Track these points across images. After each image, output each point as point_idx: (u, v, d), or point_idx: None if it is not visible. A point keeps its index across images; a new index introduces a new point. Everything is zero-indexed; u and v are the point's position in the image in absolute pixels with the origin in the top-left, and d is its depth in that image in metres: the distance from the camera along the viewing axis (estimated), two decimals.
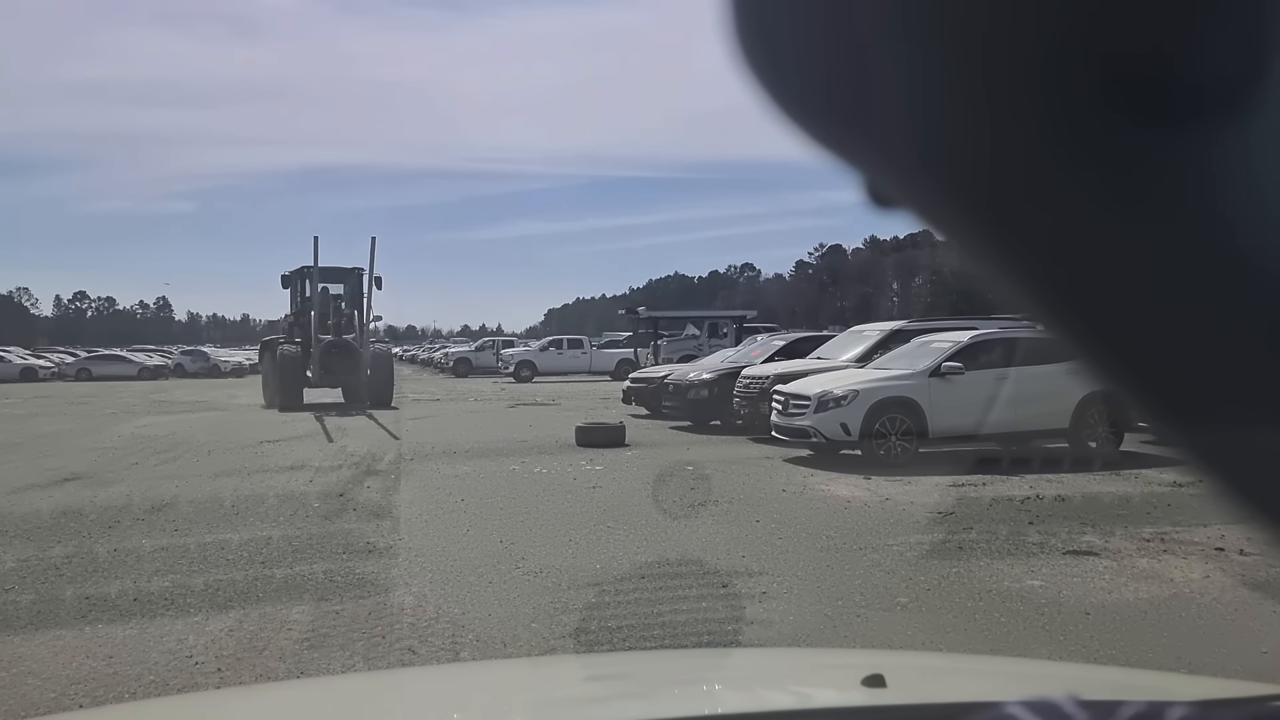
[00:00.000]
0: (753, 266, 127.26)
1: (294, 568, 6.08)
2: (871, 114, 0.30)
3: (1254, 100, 0.26)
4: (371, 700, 1.72)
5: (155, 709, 2.34)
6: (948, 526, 7.30)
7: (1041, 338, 0.32)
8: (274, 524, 7.46)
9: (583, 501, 8.56)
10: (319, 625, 4.89)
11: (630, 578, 5.77)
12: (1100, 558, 6.25)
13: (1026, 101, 0.27)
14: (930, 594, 5.47)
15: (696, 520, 7.59)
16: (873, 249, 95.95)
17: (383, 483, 9.70)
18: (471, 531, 7.22)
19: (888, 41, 0.28)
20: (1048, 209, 0.29)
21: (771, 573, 5.87)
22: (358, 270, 23.49)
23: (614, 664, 2.44)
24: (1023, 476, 9.40)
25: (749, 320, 33.72)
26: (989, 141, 0.28)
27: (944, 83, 0.28)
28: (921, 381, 11.08)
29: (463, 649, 4.53)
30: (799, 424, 11.19)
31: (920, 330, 13.19)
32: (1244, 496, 0.33)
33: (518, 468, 10.77)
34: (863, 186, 0.32)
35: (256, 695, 2.34)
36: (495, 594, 5.46)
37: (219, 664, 4.36)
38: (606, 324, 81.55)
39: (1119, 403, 0.32)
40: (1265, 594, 5.41)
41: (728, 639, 4.57)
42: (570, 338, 39.79)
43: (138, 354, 50.77)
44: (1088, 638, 4.69)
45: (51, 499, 8.64)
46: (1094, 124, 0.27)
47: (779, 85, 0.30)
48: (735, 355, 17.48)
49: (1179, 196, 0.28)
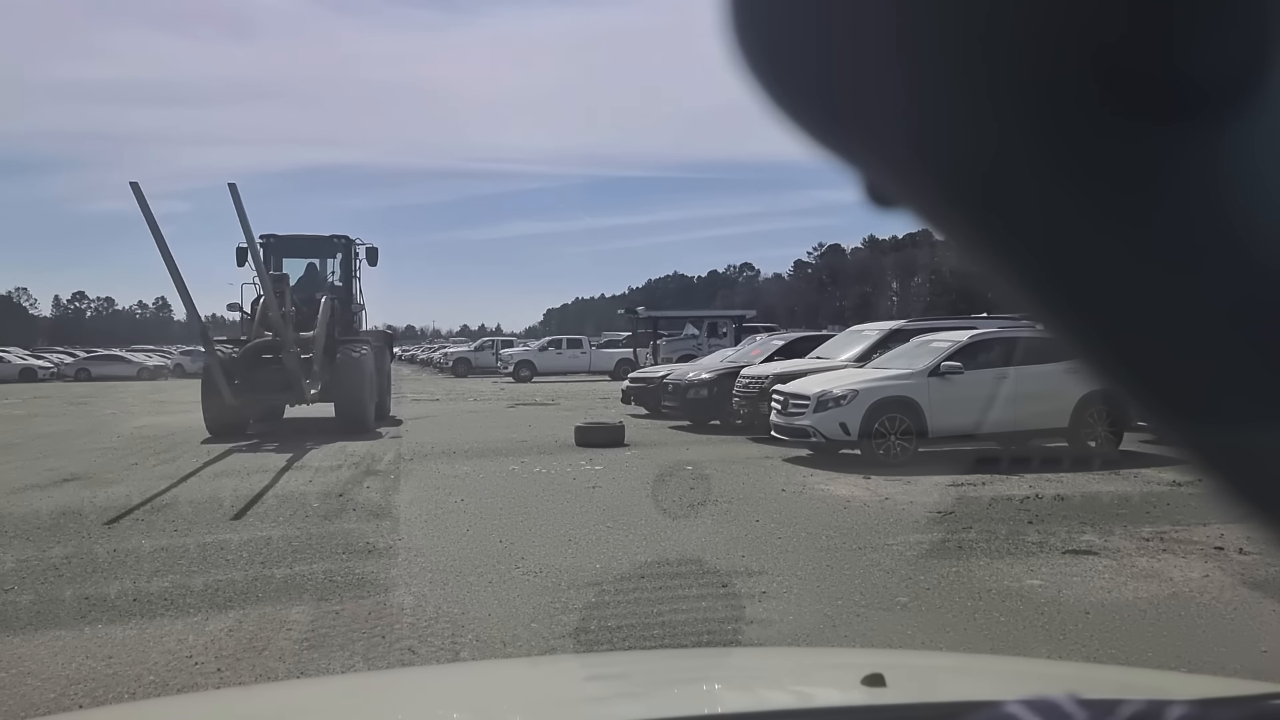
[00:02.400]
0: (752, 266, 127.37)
1: (294, 568, 6.08)
2: (871, 112, 0.30)
3: (1253, 99, 0.26)
4: (371, 700, 1.72)
5: (155, 709, 2.34)
6: (947, 526, 7.30)
7: (1040, 337, 0.32)
8: (274, 524, 7.47)
9: (582, 501, 8.56)
10: (319, 625, 4.89)
11: (630, 577, 5.77)
12: (1100, 557, 6.25)
13: (1026, 100, 0.27)
14: (930, 593, 5.47)
15: (696, 520, 7.59)
16: (872, 248, 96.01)
17: (382, 483, 9.70)
18: (471, 531, 7.22)
19: (887, 40, 0.28)
20: (1047, 207, 0.29)
21: (771, 572, 5.88)
22: (339, 241, 18.06)
23: (614, 664, 2.44)
24: (1022, 476, 9.41)
25: (748, 320, 33.79)
26: (988, 140, 0.28)
27: (943, 80, 0.28)
28: (921, 381, 11.09)
29: (462, 649, 4.53)
30: (798, 423, 11.19)
31: (919, 330, 13.20)
32: (1243, 495, 0.33)
33: (517, 468, 10.77)
34: (862, 185, 0.32)
35: (256, 695, 2.34)
36: (495, 594, 5.46)
37: (219, 664, 4.36)
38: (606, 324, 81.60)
39: (1118, 402, 0.32)
40: (1265, 593, 5.41)
41: (727, 638, 4.58)
42: (569, 338, 39.79)
43: (137, 354, 50.78)
44: (1087, 637, 4.69)
45: (51, 499, 8.64)
46: (1094, 122, 0.27)
47: (779, 84, 0.30)
48: (734, 355, 17.48)
49: (1179, 195, 0.28)
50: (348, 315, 17.48)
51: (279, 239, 17.37)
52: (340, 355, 15.13)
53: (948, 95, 0.28)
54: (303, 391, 14.40)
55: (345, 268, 18.11)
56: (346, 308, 17.47)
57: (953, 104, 0.28)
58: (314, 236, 18.04)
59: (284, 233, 17.64)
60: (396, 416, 17.39)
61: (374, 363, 15.85)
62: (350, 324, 17.38)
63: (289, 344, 14.18)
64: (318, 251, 18.03)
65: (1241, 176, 0.28)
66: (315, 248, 18.04)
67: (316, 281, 17.54)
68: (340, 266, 18.08)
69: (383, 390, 16.95)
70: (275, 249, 17.19)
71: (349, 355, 15.20)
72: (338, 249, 18.09)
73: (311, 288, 16.89)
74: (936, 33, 0.27)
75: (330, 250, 18.09)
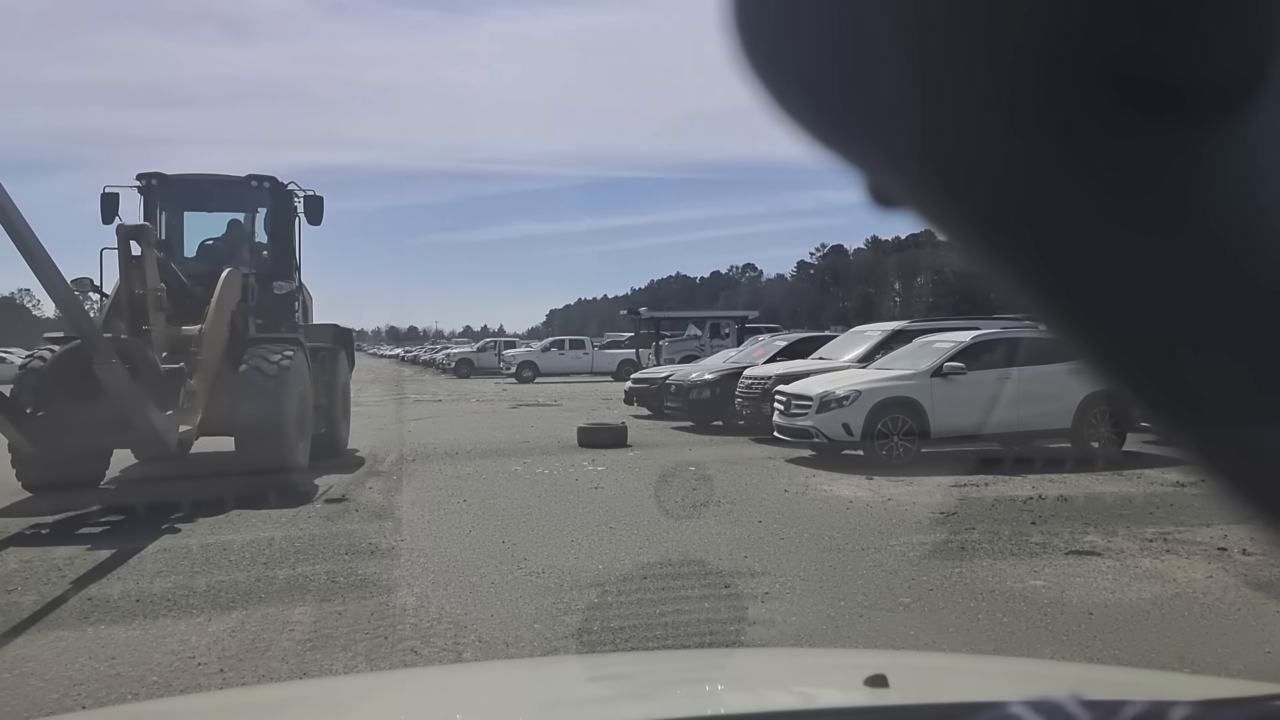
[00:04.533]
0: (754, 267, 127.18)
1: (296, 568, 6.08)
2: (873, 112, 0.30)
3: (1256, 100, 0.26)
4: (374, 701, 1.72)
5: (157, 710, 2.34)
6: (950, 527, 7.29)
7: (1043, 338, 0.32)
8: (276, 525, 7.47)
9: (585, 502, 8.57)
10: (321, 626, 4.89)
11: (633, 578, 5.77)
12: (1103, 558, 6.25)
13: (1029, 99, 0.27)
14: (933, 594, 5.46)
15: (699, 521, 7.59)
16: (874, 249, 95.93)
17: (385, 483, 9.70)
18: (474, 532, 7.23)
19: (890, 40, 0.28)
20: (1050, 207, 0.29)
21: (774, 573, 5.87)
22: (262, 186, 11.78)
23: (617, 664, 2.44)
24: (1025, 476, 9.40)
25: (751, 320, 33.77)
26: (991, 140, 0.28)
27: (946, 80, 0.28)
28: (924, 382, 11.08)
29: (465, 650, 4.53)
30: (801, 424, 11.18)
31: (922, 330, 13.19)
32: (1247, 496, 0.33)
33: (520, 468, 10.77)
34: (864, 186, 0.32)
35: (259, 696, 2.34)
36: (498, 594, 5.46)
37: (221, 665, 4.36)
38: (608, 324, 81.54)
39: (1121, 402, 0.32)
40: (1268, 594, 5.40)
41: (730, 639, 4.57)
42: (572, 338, 39.81)
43: None
44: (1090, 638, 4.69)
45: (52, 500, 8.64)
46: (1096, 123, 0.27)
47: (781, 84, 0.30)
48: (737, 356, 17.48)
49: (1182, 195, 0.28)
50: (277, 301, 11.54)
51: (167, 180, 11.38)
52: (246, 364, 9.44)
53: (951, 94, 0.28)
54: (150, 427, 8.11)
55: (281, 227, 11.99)
56: (269, 288, 11.39)
57: (956, 103, 0.28)
58: (222, 178, 11.87)
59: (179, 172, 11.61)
60: (357, 452, 11.93)
61: (307, 375, 10.29)
62: (284, 314, 11.64)
63: (102, 347, 7.80)
64: (232, 202, 11.92)
65: (1247, 176, 0.28)
66: (227, 195, 11.86)
67: (238, 247, 11.75)
68: (268, 225, 11.98)
69: (333, 414, 11.48)
70: (165, 196, 11.44)
71: (258, 364, 9.42)
72: (260, 199, 11.85)
73: (229, 256, 11.28)
74: (938, 31, 0.27)
75: (249, 200, 11.89)
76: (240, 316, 10.46)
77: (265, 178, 11.81)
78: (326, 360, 11.59)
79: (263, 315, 11.13)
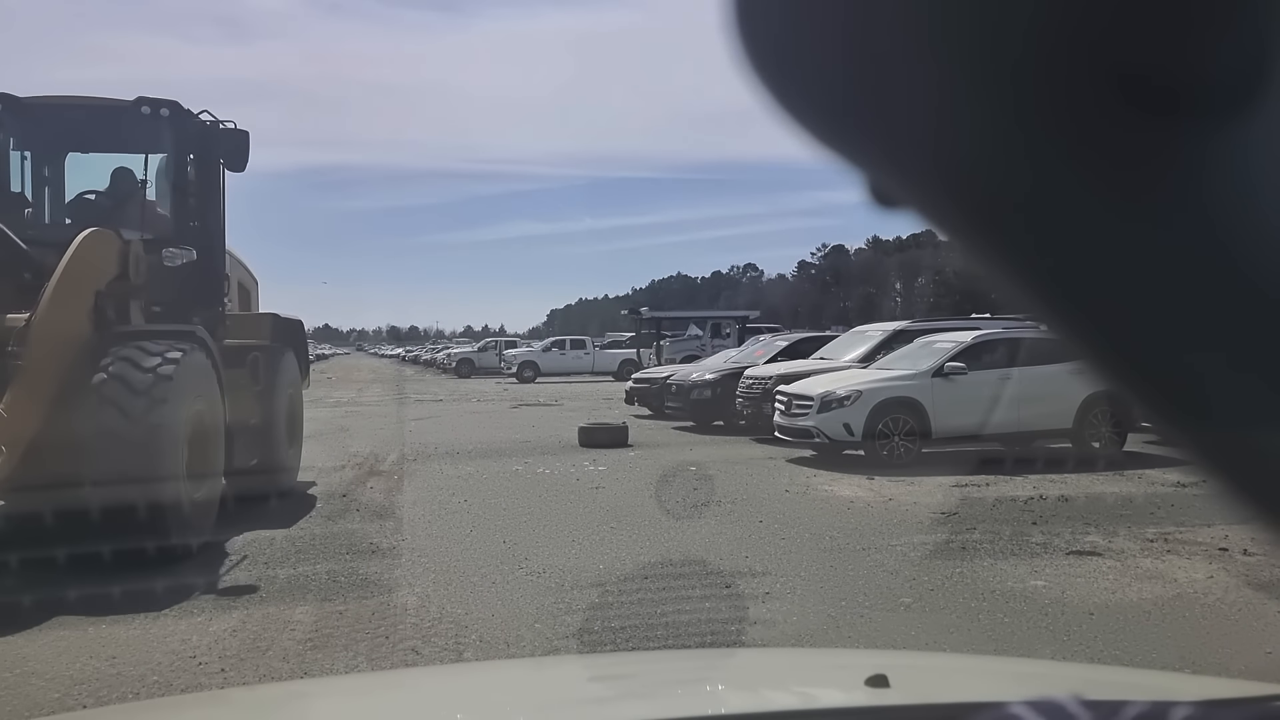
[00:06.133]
0: (755, 267, 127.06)
1: (297, 568, 6.08)
2: (875, 112, 0.30)
3: (1258, 100, 0.26)
4: (375, 700, 1.72)
5: (158, 709, 2.34)
6: (951, 527, 7.29)
7: (1044, 338, 0.32)
8: (277, 524, 7.46)
9: (586, 502, 8.57)
10: (322, 625, 4.89)
11: (633, 578, 5.77)
12: (1104, 558, 6.24)
13: (1031, 100, 0.27)
14: (934, 594, 5.46)
15: (700, 520, 7.59)
16: (875, 249, 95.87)
17: (386, 483, 9.70)
18: (475, 532, 7.23)
19: (891, 39, 0.28)
20: (1052, 208, 0.29)
21: (775, 573, 5.87)
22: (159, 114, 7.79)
23: (617, 664, 2.44)
24: (1026, 477, 9.40)
25: (752, 320, 33.74)
26: (993, 140, 0.28)
27: (948, 80, 0.28)
28: (925, 382, 11.08)
29: (466, 649, 4.53)
30: (802, 424, 11.18)
31: (923, 330, 13.19)
32: (1248, 497, 0.33)
33: (521, 468, 10.77)
34: (865, 186, 0.32)
35: (260, 695, 2.34)
36: (499, 594, 5.47)
37: (222, 664, 4.36)
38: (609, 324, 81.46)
39: (1122, 403, 0.32)
40: (1269, 594, 5.40)
41: (731, 639, 4.57)
42: (573, 338, 39.83)
43: None
44: (1091, 638, 4.68)
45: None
46: (1099, 123, 0.27)
47: (781, 83, 0.30)
48: (738, 355, 17.48)
49: (1183, 196, 0.28)
50: (184, 281, 7.94)
51: (19, 105, 7.86)
52: (106, 371, 6.25)
53: (953, 94, 0.28)
54: None
55: (190, 175, 8.36)
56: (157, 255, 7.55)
57: (958, 103, 0.28)
58: (99, 102, 8.03)
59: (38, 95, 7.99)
60: (309, 489, 9.06)
61: (213, 385, 7.15)
62: (201, 298, 8.19)
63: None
64: (115, 139, 8.23)
65: (1248, 176, 0.28)
66: (108, 130, 8.14)
67: (124, 203, 8.02)
68: (170, 172, 8.21)
69: (270, 438, 8.51)
70: (18, 128, 8.04)
71: (123, 371, 6.26)
72: (158, 135, 8.02)
73: (112, 215, 7.71)
74: (941, 30, 0.27)
75: (141, 136, 8.05)
76: (112, 301, 6.85)
77: (163, 102, 7.86)
78: (262, 363, 8.52)
79: (162, 301, 7.60)
